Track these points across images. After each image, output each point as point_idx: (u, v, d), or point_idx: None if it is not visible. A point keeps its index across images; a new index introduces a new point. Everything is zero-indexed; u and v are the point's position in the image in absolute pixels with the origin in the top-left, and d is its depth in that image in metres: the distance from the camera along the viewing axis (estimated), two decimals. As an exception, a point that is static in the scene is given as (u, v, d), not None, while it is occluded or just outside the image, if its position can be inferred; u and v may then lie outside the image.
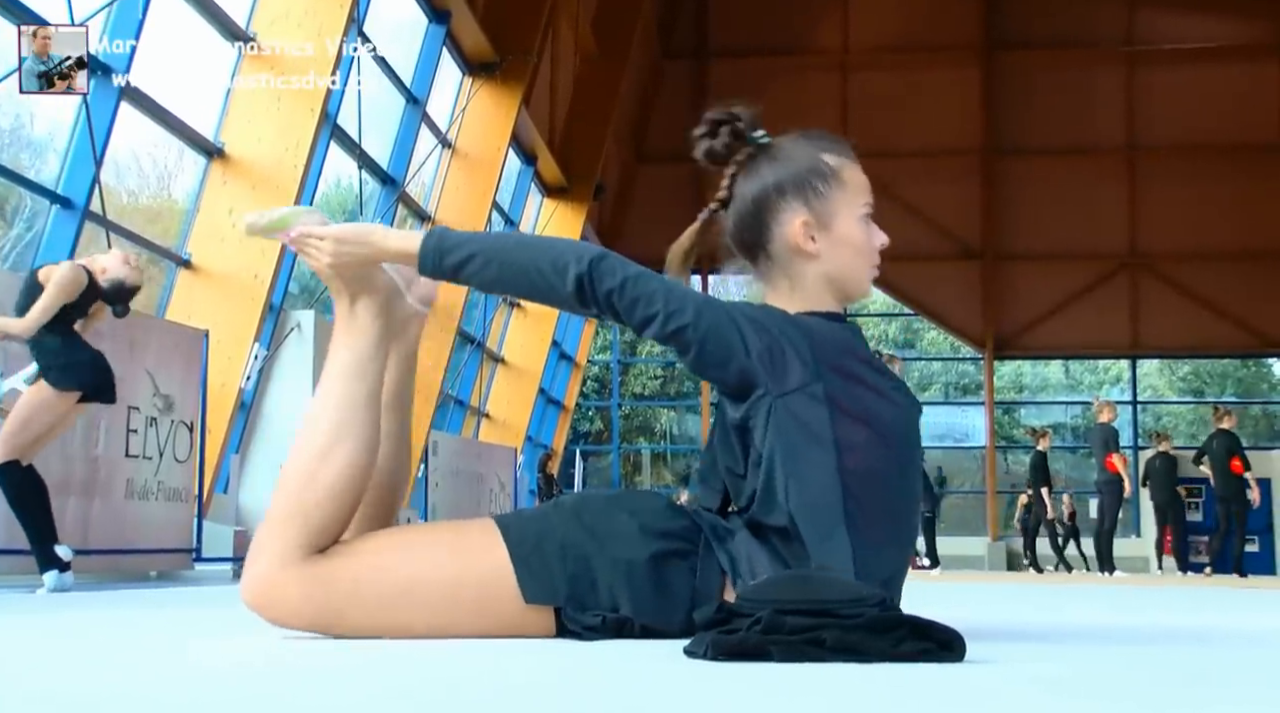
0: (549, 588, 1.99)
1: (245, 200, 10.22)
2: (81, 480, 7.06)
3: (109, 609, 3.48)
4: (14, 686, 1.43)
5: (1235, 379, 26.08)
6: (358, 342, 2.16)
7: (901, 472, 2.10)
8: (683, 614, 2.00)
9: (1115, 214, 22.19)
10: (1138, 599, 5.43)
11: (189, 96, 10.05)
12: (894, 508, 2.08)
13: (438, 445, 13.58)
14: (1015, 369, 24.97)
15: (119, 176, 10.97)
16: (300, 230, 2.18)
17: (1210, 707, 1.32)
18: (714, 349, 2.05)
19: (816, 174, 2.20)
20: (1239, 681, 1.66)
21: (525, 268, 2.08)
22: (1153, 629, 2.88)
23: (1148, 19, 22.31)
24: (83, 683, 1.46)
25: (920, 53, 22.25)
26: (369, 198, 13.26)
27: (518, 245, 2.13)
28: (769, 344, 2.05)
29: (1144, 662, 1.90)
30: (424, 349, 13.47)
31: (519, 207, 18.64)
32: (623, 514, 2.05)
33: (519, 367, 19.54)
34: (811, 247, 2.18)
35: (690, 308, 2.05)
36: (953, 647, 1.68)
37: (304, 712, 1.20)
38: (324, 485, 2.04)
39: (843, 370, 2.08)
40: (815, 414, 2.02)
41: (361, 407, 2.12)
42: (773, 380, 2.04)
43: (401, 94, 13.73)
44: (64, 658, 1.87)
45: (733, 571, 2.02)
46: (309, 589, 1.98)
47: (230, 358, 9.81)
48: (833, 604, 1.69)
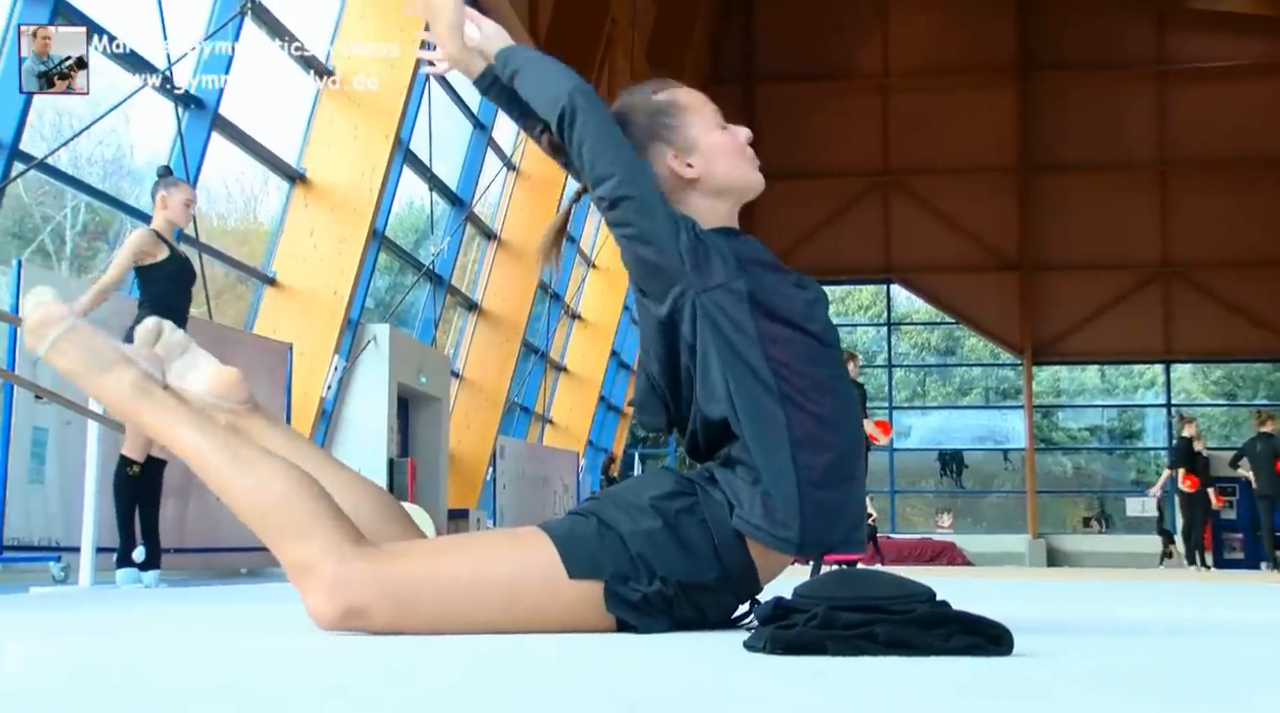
0: (591, 563, 1.99)
1: (326, 222, 10.33)
2: (178, 485, 7.16)
3: (204, 604, 3.52)
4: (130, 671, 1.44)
5: (1267, 382, 25.63)
6: (168, 405, 2.04)
7: (826, 358, 2.15)
8: (712, 562, 2.04)
9: (1148, 226, 21.95)
10: (1181, 594, 5.33)
11: (273, 126, 10.17)
12: (826, 392, 2.12)
13: (505, 450, 13.63)
14: (1053, 374, 24.69)
15: (210, 201, 11.10)
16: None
17: (1259, 700, 1.29)
18: (648, 227, 2.11)
19: (659, 113, 2.28)
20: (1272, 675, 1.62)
21: (539, 97, 2.24)
22: (1199, 623, 2.82)
23: (1177, 39, 22.07)
24: (195, 672, 1.47)
25: (958, 75, 22.12)
26: (439, 217, 13.34)
27: (540, 78, 2.26)
28: (694, 244, 2.11)
29: (1192, 655, 1.86)
30: (492, 360, 13.55)
31: (579, 224, 18.68)
32: (638, 493, 2.09)
33: (580, 375, 19.58)
34: (689, 171, 2.24)
35: (642, 183, 2.13)
36: (1001, 641, 1.66)
37: (382, 702, 1.20)
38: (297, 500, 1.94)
39: (757, 268, 2.14)
40: (738, 308, 2.09)
41: (232, 439, 2.02)
42: (695, 275, 2.09)
43: (469, 121, 13.81)
44: (185, 647, 1.88)
45: (730, 507, 2.06)
46: (382, 587, 1.94)
47: (312, 369, 9.90)
48: (884, 601, 1.68)
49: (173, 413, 2.02)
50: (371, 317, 11.92)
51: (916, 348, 25.25)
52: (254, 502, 1.95)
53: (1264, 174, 21.51)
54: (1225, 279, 21.62)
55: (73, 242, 10.52)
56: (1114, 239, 21.72)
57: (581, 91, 2.18)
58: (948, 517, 23.23)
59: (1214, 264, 21.58)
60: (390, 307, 13.17)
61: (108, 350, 2.04)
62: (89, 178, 9.79)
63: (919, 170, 22.23)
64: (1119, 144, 21.97)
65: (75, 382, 2.08)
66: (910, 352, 25.11)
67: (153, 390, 2.04)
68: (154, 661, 1.66)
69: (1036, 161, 22.04)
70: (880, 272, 22.92)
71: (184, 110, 8.73)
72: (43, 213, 10.11)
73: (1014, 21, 22.34)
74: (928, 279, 22.67)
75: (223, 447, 1.98)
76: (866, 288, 23.98)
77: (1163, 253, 21.98)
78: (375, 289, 12.81)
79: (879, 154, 22.20)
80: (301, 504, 1.94)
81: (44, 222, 10.18)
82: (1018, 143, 22.11)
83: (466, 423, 14.20)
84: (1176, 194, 21.93)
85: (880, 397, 23.16)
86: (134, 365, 2.05)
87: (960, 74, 22.14)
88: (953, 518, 23.19)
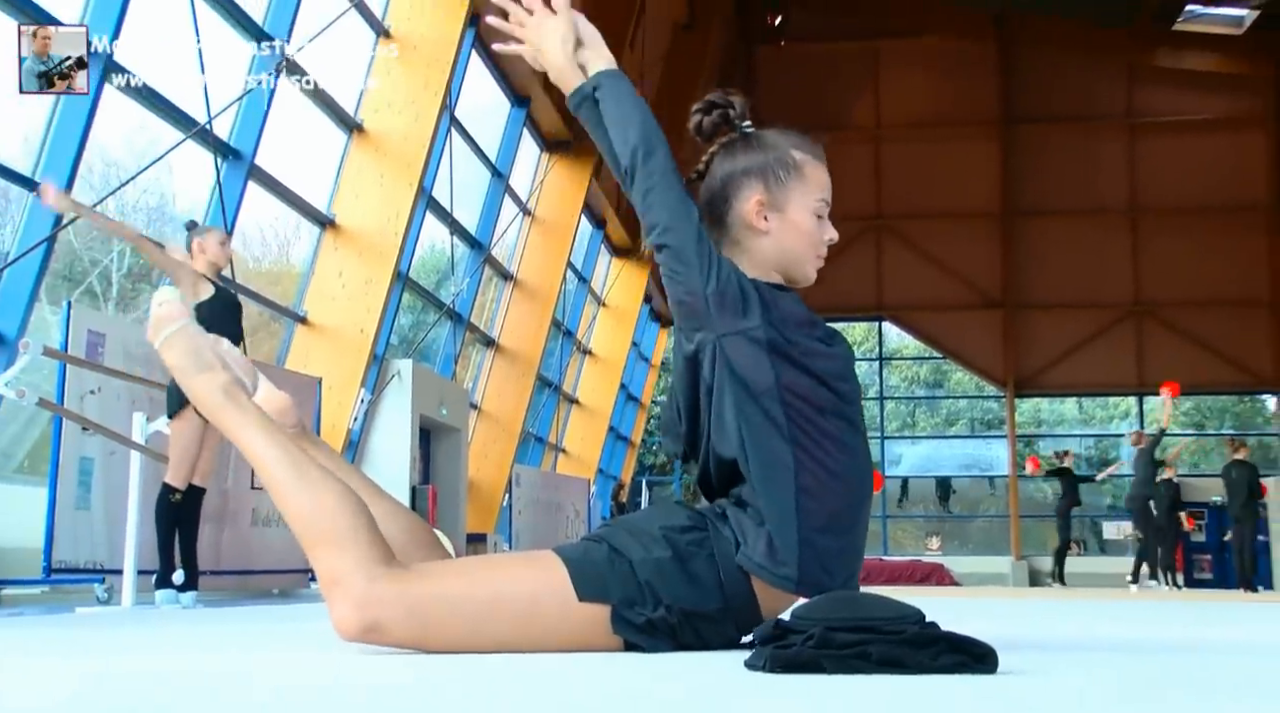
0: (600, 588, 1.97)
1: (354, 264, 10.36)
2: (215, 510, 7.15)
3: (241, 623, 3.50)
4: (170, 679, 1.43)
5: (1233, 414, 25.60)
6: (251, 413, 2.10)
7: (843, 412, 2.10)
8: (717, 594, 2.01)
9: (1121, 267, 22.02)
10: (1159, 613, 5.30)
11: (306, 175, 10.22)
12: (838, 444, 2.07)
13: (520, 477, 13.60)
14: (1034, 406, 24.64)
15: (245, 245, 11.16)
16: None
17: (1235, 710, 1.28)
18: (682, 272, 2.08)
19: (781, 163, 2.21)
20: (1257, 692, 1.60)
21: (609, 146, 2.22)
22: (1177, 641, 2.80)
23: (1146, 95, 22.24)
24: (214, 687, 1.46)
25: (945, 127, 22.23)
26: (459, 259, 13.38)
27: (619, 114, 2.19)
28: (724, 289, 2.07)
29: (1171, 673, 1.84)
30: (508, 393, 13.52)
31: (590, 265, 18.73)
32: (650, 522, 2.07)
33: (591, 407, 19.57)
34: (763, 224, 2.18)
35: (681, 234, 2.09)
36: (987, 660, 1.65)
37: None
38: (343, 519, 1.96)
39: (787, 319, 2.09)
40: (757, 355, 2.05)
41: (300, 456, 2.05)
42: (720, 319, 2.06)
43: (487, 169, 13.87)
44: (216, 663, 1.88)
45: (736, 544, 2.03)
46: (406, 605, 1.93)
47: (340, 402, 9.91)
48: (877, 622, 1.67)
49: (250, 419, 2.08)
50: (395, 352, 11.94)
51: (906, 381, 25.25)
52: (305, 511, 1.98)
53: (1226, 220, 21.63)
54: (1192, 317, 21.68)
55: (119, 283, 10.56)
56: (1090, 279, 21.78)
57: (646, 144, 2.14)
58: (936, 540, 23.15)
59: (1182, 303, 21.65)
60: (413, 343, 13.19)
61: (209, 354, 2.14)
62: (135, 223, 9.84)
63: (909, 215, 22.29)
64: (1093, 191, 22.07)
65: (176, 376, 2.16)
66: (900, 385, 25.11)
67: (238, 396, 2.11)
68: (187, 676, 1.66)
69: (1018, 207, 22.11)
70: (872, 309, 22.94)
71: (223, 161, 8.78)
72: (91, 257, 10.16)
73: (997, 78, 22.46)
74: (917, 317, 22.69)
75: (287, 457, 2.03)
76: (859, 325, 23.98)
77: (1135, 292, 22.02)
78: (399, 327, 12.83)
79: (872, 200, 22.25)
80: (345, 520, 1.96)
81: (92, 265, 10.22)
82: (1001, 190, 22.19)
83: (484, 452, 14.19)
84: (1146, 237, 22.01)
85: (873, 427, 23.10)
86: (228, 371, 2.14)
87: (947, 126, 22.25)
88: (941, 541, 23.11)
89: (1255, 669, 1.97)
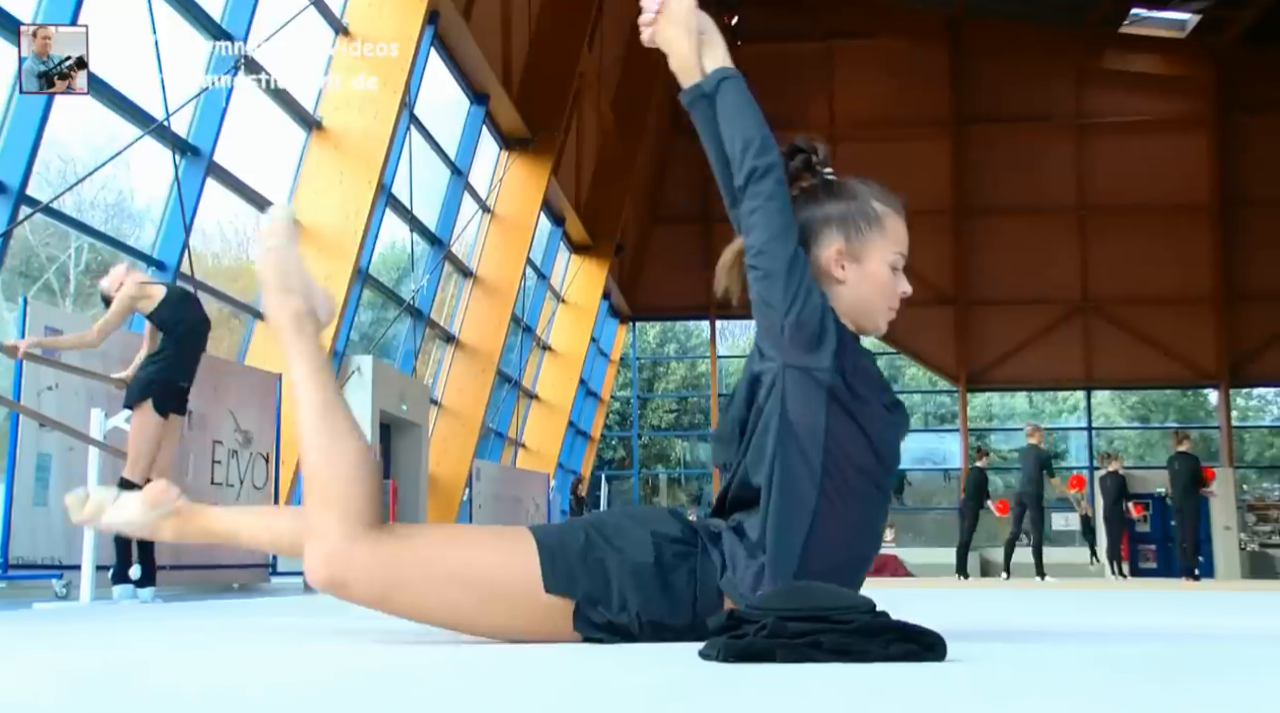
0: (568, 581, 1.97)
1: (313, 260, 10.27)
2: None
3: (200, 617, 3.48)
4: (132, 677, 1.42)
5: (1177, 407, 25.98)
6: (309, 346, 2.14)
7: (877, 475, 2.08)
8: (687, 611, 1.99)
9: (1069, 265, 22.26)
10: (1100, 601, 5.37)
11: (265, 172, 10.13)
12: (863, 502, 2.07)
13: (480, 472, 13.57)
14: (985, 400, 24.88)
15: (205, 242, 11.04)
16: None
17: (1177, 700, 1.30)
18: (768, 295, 2.05)
19: (862, 214, 2.19)
20: (1205, 675, 1.63)
21: (718, 147, 2.23)
22: (1118, 629, 2.84)
23: (1094, 96, 22.50)
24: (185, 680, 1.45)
25: (898, 127, 22.36)
26: (419, 256, 13.31)
27: (738, 130, 2.18)
28: (803, 322, 2.03)
29: (1112, 659, 1.87)
30: (468, 388, 13.46)
31: (550, 262, 18.69)
32: (636, 525, 2.04)
33: (551, 402, 19.54)
34: (840, 273, 2.16)
35: (774, 259, 2.06)
36: (936, 648, 1.67)
37: (350, 703, 1.19)
38: (345, 474, 2.01)
39: (858, 372, 2.07)
40: (815, 396, 2.03)
41: (335, 402, 2.10)
42: (792, 349, 2.04)
43: (447, 166, 13.81)
44: (171, 657, 1.86)
45: (722, 568, 2.02)
46: (377, 563, 1.96)
47: (300, 398, 9.82)
48: (829, 611, 1.68)
49: (305, 352, 2.12)
50: (356, 349, 11.86)
51: (860, 376, 25.34)
52: (315, 457, 2.03)
53: (1171, 219, 21.93)
54: (1138, 314, 21.96)
55: (76, 280, 10.42)
56: (1039, 276, 22.00)
57: (761, 162, 2.11)
58: (891, 532, 23.30)
59: (1128, 300, 21.92)
60: (373, 339, 13.11)
61: (297, 278, 2.16)
62: (92, 220, 9.72)
63: (862, 214, 22.39)
64: (1043, 190, 22.29)
65: (262, 287, 2.18)
66: (855, 380, 25.20)
67: (305, 327, 2.14)
68: (144, 668, 1.65)
69: (970, 206, 22.29)
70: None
71: (181, 157, 8.69)
72: (48, 253, 10.03)
73: (949, 79, 22.62)
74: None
75: (323, 402, 2.08)
76: (814, 321, 24.07)
77: (1083, 289, 22.26)
78: (359, 323, 12.75)
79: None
80: (346, 474, 2.00)
81: (49, 261, 10.09)
82: (952, 189, 22.36)
83: (445, 447, 14.13)
84: (1094, 235, 22.26)
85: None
86: (306, 301, 2.16)
87: (901, 126, 22.38)
88: (895, 533, 23.26)
89: (1191, 654, 2.00)
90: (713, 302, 24.80)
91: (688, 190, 22.79)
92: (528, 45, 14.80)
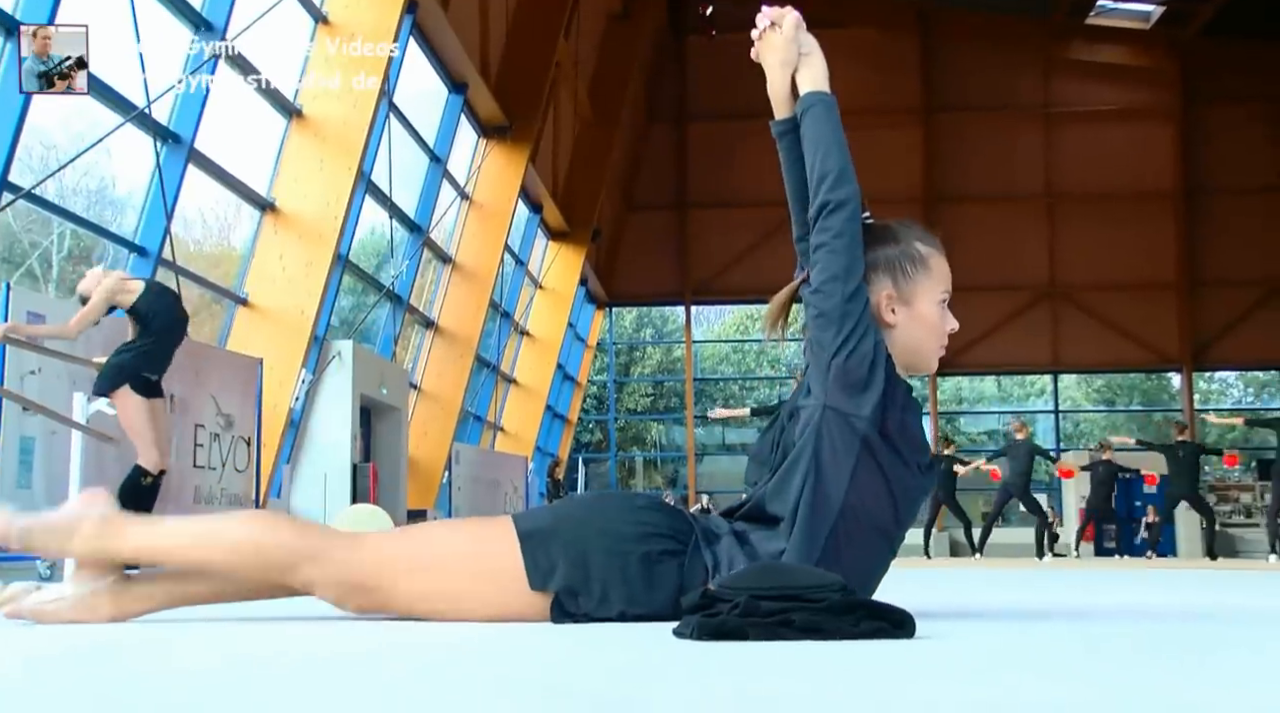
0: (549, 573, 1.93)
1: (294, 247, 10.23)
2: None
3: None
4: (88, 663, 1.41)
5: (1141, 391, 26.18)
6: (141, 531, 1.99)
7: (890, 529, 2.06)
8: (669, 606, 1.94)
9: (1037, 251, 22.38)
10: (1064, 580, 5.41)
11: (246, 159, 10.06)
12: (869, 552, 2.04)
13: (459, 455, 13.55)
14: (955, 385, 25.01)
15: (186, 228, 10.96)
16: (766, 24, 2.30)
17: (1133, 673, 1.32)
18: (824, 337, 2.04)
19: (908, 257, 2.16)
20: (1161, 651, 1.65)
21: (798, 176, 2.27)
22: (1079, 606, 2.86)
23: (1061, 86, 22.59)
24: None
25: (869, 115, 22.31)
26: (399, 242, 13.26)
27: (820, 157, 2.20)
28: (857, 368, 2.01)
29: (1076, 636, 1.89)
30: (447, 373, 13.45)
31: (528, 248, 18.66)
32: (622, 514, 1.99)
33: (529, 387, 19.53)
34: (891, 317, 2.13)
35: (837, 294, 2.05)
36: (904, 625, 1.67)
37: (325, 692, 1.19)
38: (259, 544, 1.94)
39: (902, 434, 2.04)
40: (849, 441, 1.99)
41: (191, 531, 2.00)
42: (835, 390, 2.01)
43: (426, 154, 13.75)
44: (145, 636, 1.85)
45: (714, 570, 1.97)
46: (353, 555, 1.94)
47: (281, 382, 9.79)
48: (800, 590, 1.69)
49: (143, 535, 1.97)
50: (336, 334, 11.81)
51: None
52: (232, 558, 1.95)
53: (1136, 206, 22.07)
54: (1103, 300, 22.10)
55: (59, 266, 10.34)
56: (1007, 262, 22.09)
57: (837, 195, 2.10)
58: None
59: (1094, 286, 22.07)
60: (353, 325, 13.06)
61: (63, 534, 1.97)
62: (74, 207, 9.63)
63: (834, 201, 22.43)
64: (1011, 178, 22.39)
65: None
66: (827, 364, 25.26)
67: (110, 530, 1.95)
68: (126, 648, 1.64)
69: (939, 193, 22.36)
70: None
71: (162, 145, 8.62)
72: (30, 239, 9.94)
73: (919, 69, 22.67)
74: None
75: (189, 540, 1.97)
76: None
77: (1050, 276, 22.39)
78: (340, 308, 12.70)
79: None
80: (258, 543, 1.93)
81: (32, 247, 10.00)
82: (923, 176, 22.42)
83: (424, 431, 14.10)
84: (1061, 223, 22.38)
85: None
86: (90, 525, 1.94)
87: (871, 114, 22.34)
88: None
89: (1152, 632, 2.02)
90: (688, 287, 24.93)
91: (663, 178, 22.75)
92: (505, 35, 14.74)
